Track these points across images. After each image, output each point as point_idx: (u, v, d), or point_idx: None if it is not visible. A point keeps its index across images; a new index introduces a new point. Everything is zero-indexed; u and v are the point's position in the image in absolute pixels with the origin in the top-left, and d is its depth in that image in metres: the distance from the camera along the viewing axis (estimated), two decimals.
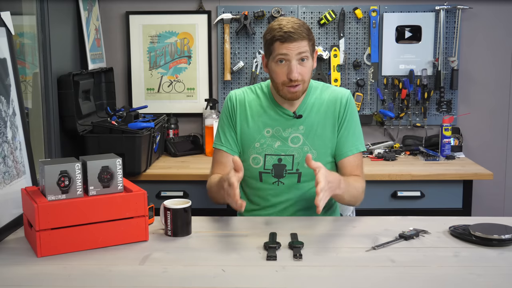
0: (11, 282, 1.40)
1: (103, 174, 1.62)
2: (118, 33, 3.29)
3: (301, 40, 1.84)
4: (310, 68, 1.90)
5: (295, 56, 1.84)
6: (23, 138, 1.90)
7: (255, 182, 2.00)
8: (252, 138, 1.98)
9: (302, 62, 1.87)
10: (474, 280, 1.38)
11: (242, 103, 2.02)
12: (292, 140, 1.96)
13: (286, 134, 1.97)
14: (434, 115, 3.25)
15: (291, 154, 1.95)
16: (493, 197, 3.31)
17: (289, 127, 1.97)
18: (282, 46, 1.84)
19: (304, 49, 1.85)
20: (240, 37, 3.23)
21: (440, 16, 3.16)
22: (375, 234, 1.69)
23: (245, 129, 2.00)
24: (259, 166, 1.97)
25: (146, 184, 2.65)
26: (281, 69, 1.87)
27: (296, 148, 1.96)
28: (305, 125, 1.96)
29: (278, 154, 1.96)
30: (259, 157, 1.97)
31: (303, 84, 1.89)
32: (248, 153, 1.99)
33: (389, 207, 2.76)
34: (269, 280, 1.39)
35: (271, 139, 1.97)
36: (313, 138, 1.96)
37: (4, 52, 1.87)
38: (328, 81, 3.20)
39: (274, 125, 1.97)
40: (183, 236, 1.69)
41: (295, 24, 1.85)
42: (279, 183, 1.97)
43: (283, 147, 1.96)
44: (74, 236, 1.57)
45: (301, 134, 1.96)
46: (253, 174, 1.99)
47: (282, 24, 1.85)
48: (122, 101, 3.32)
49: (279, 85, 1.90)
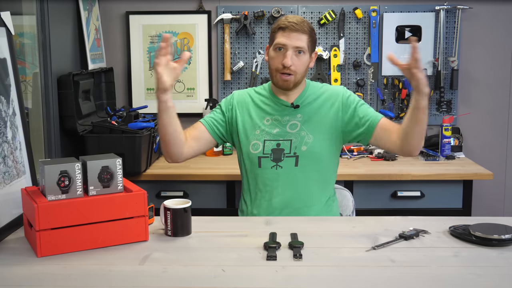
0: (11, 282, 1.40)
1: (103, 174, 1.62)
2: (118, 33, 3.29)
3: (301, 33, 1.97)
4: (305, 62, 2.02)
5: (292, 46, 1.97)
6: (23, 138, 1.90)
7: (255, 168, 2.07)
8: (253, 126, 2.08)
9: (298, 55, 1.99)
10: (474, 280, 1.38)
11: (243, 99, 2.14)
12: (290, 126, 2.06)
13: (284, 121, 2.07)
14: (434, 115, 3.25)
15: (289, 139, 2.05)
16: (493, 197, 3.31)
17: (287, 115, 2.08)
18: (283, 35, 1.98)
19: (302, 42, 1.98)
20: (240, 37, 3.23)
21: (440, 16, 3.16)
22: (375, 234, 1.69)
23: (247, 120, 2.10)
24: (259, 151, 2.06)
25: (146, 184, 2.66)
26: (277, 56, 2.00)
27: (294, 133, 2.05)
28: (302, 113, 2.07)
29: (276, 139, 2.06)
30: (258, 142, 2.07)
31: (295, 76, 2.01)
32: (249, 140, 2.08)
33: (389, 207, 2.76)
34: (269, 280, 1.39)
35: (270, 126, 2.07)
36: (309, 124, 2.06)
37: (4, 52, 1.87)
38: (328, 81, 3.20)
39: (274, 114, 2.08)
40: (183, 236, 1.69)
41: (300, 19, 2.00)
42: (277, 167, 2.05)
43: (281, 132, 2.06)
44: (74, 236, 1.57)
45: (298, 121, 2.06)
46: (253, 160, 2.07)
47: (289, 17, 2.01)
48: (122, 101, 3.32)
49: (273, 72, 2.03)
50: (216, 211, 2.76)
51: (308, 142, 2.04)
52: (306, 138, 2.04)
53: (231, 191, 2.77)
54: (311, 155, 2.04)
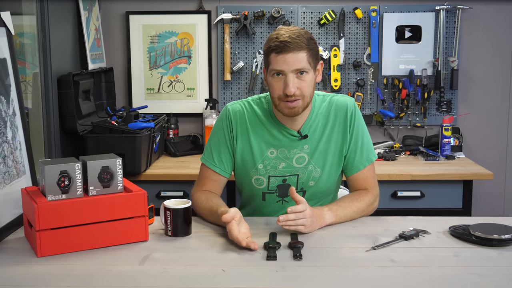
0: (11, 282, 1.40)
1: (103, 174, 1.62)
2: (118, 33, 3.29)
3: (298, 50, 1.68)
4: (310, 82, 1.74)
5: (292, 69, 1.69)
6: (23, 138, 1.90)
7: (258, 200, 1.93)
8: (254, 159, 1.86)
9: (301, 76, 1.71)
10: (474, 280, 1.38)
11: (243, 120, 1.88)
12: (297, 160, 1.85)
13: (291, 155, 1.85)
14: (434, 115, 3.25)
15: (295, 174, 1.86)
16: (493, 197, 3.31)
17: (294, 148, 1.85)
18: (278, 58, 1.69)
19: (302, 62, 1.69)
20: (240, 37, 3.23)
21: (440, 16, 3.16)
22: (375, 234, 1.69)
23: (247, 149, 1.87)
24: (263, 187, 1.89)
25: (146, 184, 2.65)
26: (277, 83, 1.73)
27: (301, 168, 1.86)
28: (310, 144, 1.85)
29: (282, 175, 1.86)
30: (262, 178, 1.87)
31: (302, 100, 1.74)
32: (250, 174, 1.88)
33: (389, 207, 2.76)
34: (269, 280, 1.39)
35: (275, 161, 1.85)
36: (318, 156, 1.85)
37: (4, 52, 1.87)
38: (328, 81, 3.20)
39: (279, 146, 1.85)
40: (183, 236, 1.69)
41: (293, 34, 1.69)
42: (283, 201, 1.90)
43: (287, 168, 1.85)
44: (74, 236, 1.57)
45: (306, 153, 1.85)
46: (256, 193, 1.91)
47: (280, 34, 1.70)
48: (122, 101, 3.32)
49: (276, 100, 1.75)
50: None
51: (316, 177, 1.86)
52: (313, 172, 1.85)
53: (231, 191, 2.77)
54: (319, 189, 1.89)
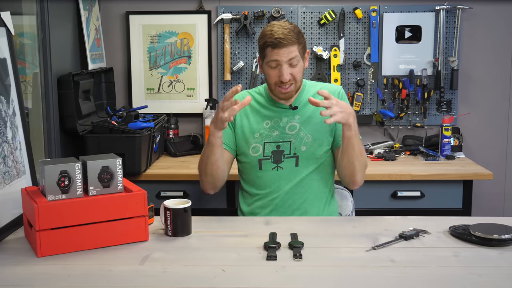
0: (11, 282, 1.40)
1: (103, 174, 1.62)
2: (118, 33, 3.29)
3: (291, 45, 1.98)
4: (301, 68, 2.05)
5: (286, 60, 1.99)
6: (23, 138, 1.90)
7: (255, 170, 2.10)
8: (252, 130, 2.11)
9: (293, 64, 2.01)
10: (474, 280, 1.38)
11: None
12: (289, 128, 2.09)
13: (283, 123, 2.10)
14: (434, 115, 3.25)
15: (288, 140, 2.08)
16: (493, 197, 3.31)
17: (285, 117, 2.11)
18: (273, 52, 1.99)
19: (294, 54, 1.99)
20: (240, 37, 3.23)
21: (440, 16, 3.16)
22: (375, 234, 1.69)
23: (246, 124, 2.12)
24: (259, 154, 2.09)
25: (146, 184, 2.65)
26: (273, 72, 2.03)
27: (293, 135, 2.09)
28: (300, 114, 2.10)
29: (276, 141, 2.09)
30: (258, 145, 2.09)
31: (295, 84, 2.05)
32: (248, 144, 2.10)
33: (389, 207, 2.76)
34: (269, 280, 1.39)
35: (270, 129, 2.10)
36: (308, 125, 2.09)
37: (4, 52, 1.87)
38: (328, 81, 3.20)
39: (273, 117, 2.11)
40: (183, 236, 1.69)
41: (285, 30, 1.99)
42: (278, 168, 2.08)
43: (281, 135, 2.09)
44: (74, 236, 1.57)
45: (297, 122, 2.10)
46: (253, 163, 2.10)
47: (273, 31, 1.99)
48: (122, 101, 3.32)
49: (272, 86, 2.06)
50: (216, 211, 2.76)
51: (307, 142, 2.08)
52: (305, 138, 2.08)
53: (231, 191, 2.77)
54: (311, 154, 2.08)
